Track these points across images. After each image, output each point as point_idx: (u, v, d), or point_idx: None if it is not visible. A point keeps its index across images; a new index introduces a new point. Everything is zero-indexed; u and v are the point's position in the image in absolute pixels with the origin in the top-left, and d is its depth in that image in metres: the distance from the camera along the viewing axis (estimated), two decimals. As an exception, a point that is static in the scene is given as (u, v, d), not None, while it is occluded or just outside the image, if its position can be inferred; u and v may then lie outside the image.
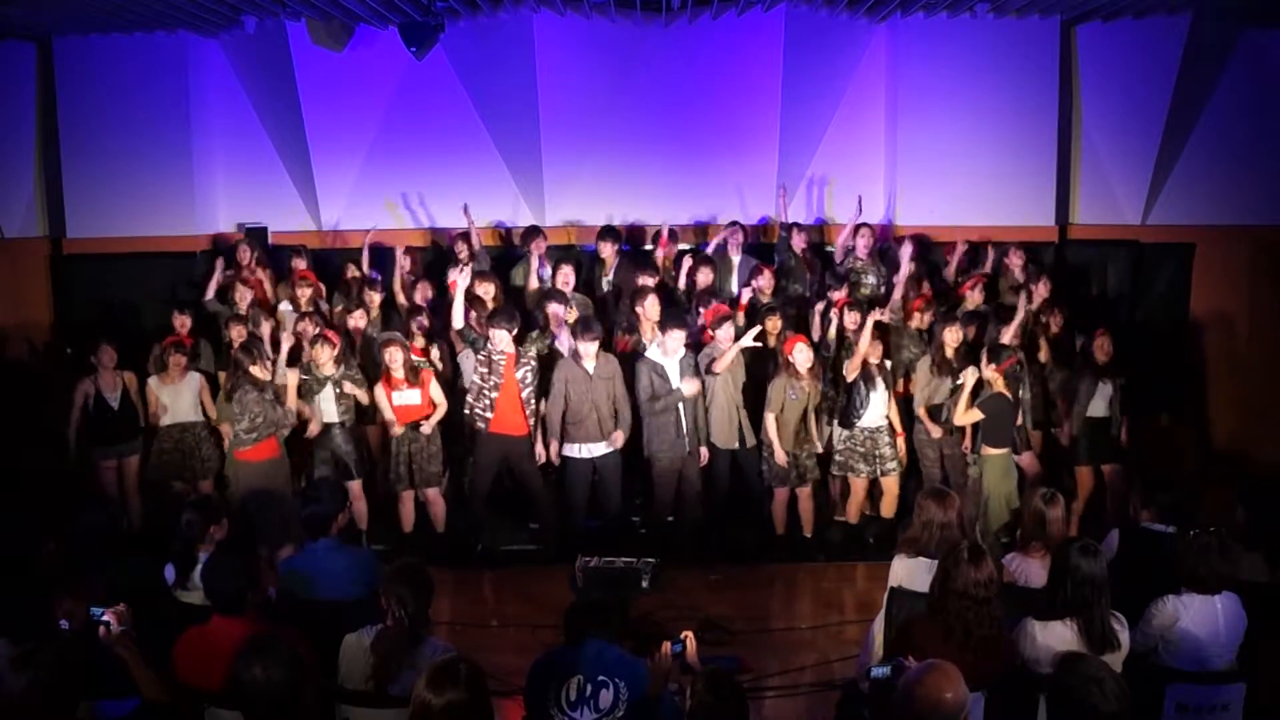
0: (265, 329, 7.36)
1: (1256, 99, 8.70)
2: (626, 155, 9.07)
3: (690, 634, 3.91)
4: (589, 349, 6.86)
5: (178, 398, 7.18)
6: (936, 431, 7.15)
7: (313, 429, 6.96)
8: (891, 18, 8.74)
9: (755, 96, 8.92)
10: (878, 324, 7.19)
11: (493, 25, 8.64)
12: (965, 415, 6.64)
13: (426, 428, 7.03)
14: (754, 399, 7.19)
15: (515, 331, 6.98)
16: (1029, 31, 8.69)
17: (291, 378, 6.80)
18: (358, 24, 8.58)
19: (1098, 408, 7.26)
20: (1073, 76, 8.92)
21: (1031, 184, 8.88)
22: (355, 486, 7.11)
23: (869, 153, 9.22)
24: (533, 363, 7.01)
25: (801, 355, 6.91)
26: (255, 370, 6.58)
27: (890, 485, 7.27)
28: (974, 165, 8.81)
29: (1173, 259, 9.05)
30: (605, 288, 8.39)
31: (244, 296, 7.84)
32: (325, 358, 6.96)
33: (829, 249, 8.89)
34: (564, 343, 7.20)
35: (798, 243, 8.51)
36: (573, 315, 7.32)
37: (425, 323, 7.48)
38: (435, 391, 7.11)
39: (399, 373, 6.97)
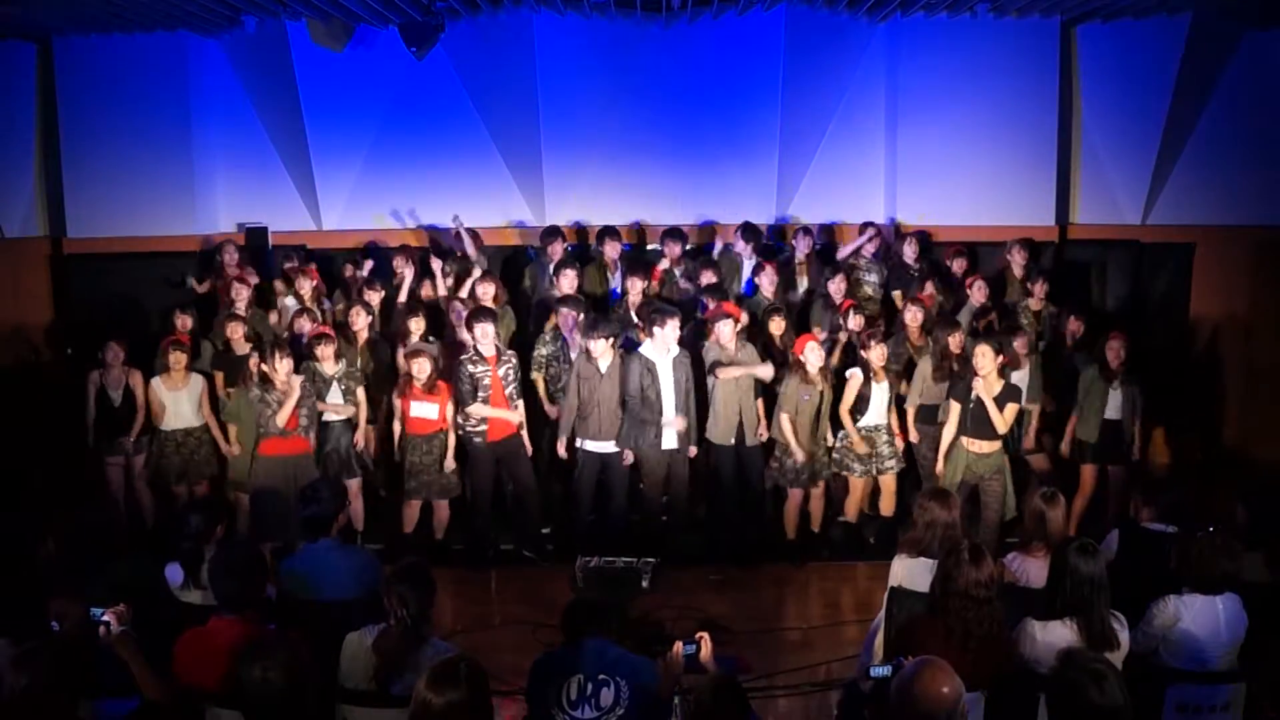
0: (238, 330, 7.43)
1: (1256, 99, 8.69)
2: (626, 155, 9.05)
3: (706, 635, 3.83)
4: (599, 347, 6.84)
5: (179, 402, 7.15)
6: (915, 436, 7.15)
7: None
8: (891, 18, 8.73)
9: (755, 96, 8.91)
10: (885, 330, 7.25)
11: (493, 25, 8.64)
12: (1004, 419, 6.45)
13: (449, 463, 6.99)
14: (760, 395, 7.16)
15: (496, 328, 7.00)
16: (1029, 31, 8.70)
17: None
18: (358, 24, 8.58)
19: (1110, 410, 7.24)
20: (1073, 76, 8.93)
21: (1031, 184, 8.89)
22: (354, 485, 7.11)
23: (869, 153, 9.21)
24: (513, 359, 7.02)
25: (813, 355, 6.86)
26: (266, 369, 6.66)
27: (888, 483, 7.24)
28: (974, 165, 8.82)
29: (1173, 259, 9.05)
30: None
31: (241, 295, 7.81)
32: (328, 355, 6.98)
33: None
34: (575, 345, 7.23)
35: (802, 246, 8.45)
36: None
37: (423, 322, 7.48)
38: (450, 409, 7.01)
39: (421, 384, 6.89)
